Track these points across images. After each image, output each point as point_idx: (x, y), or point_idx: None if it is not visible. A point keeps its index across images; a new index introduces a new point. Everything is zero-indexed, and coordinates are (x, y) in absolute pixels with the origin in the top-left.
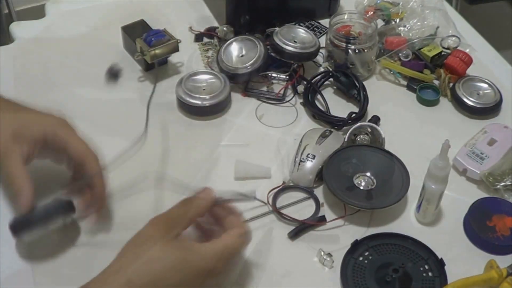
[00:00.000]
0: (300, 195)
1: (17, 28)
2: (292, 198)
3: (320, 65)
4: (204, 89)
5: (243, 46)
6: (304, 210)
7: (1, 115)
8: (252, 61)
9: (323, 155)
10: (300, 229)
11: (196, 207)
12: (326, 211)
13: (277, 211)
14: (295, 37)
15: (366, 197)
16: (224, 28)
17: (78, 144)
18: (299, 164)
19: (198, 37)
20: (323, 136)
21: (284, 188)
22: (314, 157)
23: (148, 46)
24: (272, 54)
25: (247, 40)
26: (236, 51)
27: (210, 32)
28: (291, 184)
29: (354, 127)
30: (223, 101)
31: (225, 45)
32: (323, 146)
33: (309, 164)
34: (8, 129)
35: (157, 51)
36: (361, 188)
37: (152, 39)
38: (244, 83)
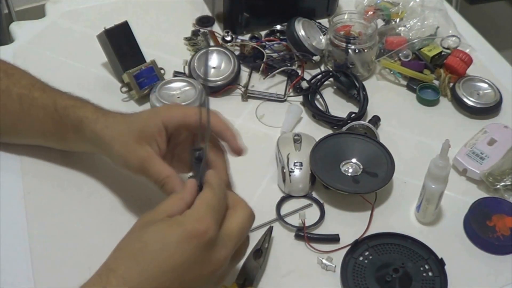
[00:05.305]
0: (302, 202)
1: (17, 28)
2: (294, 206)
3: (314, 60)
4: (178, 97)
5: (217, 57)
6: (309, 215)
7: (110, 124)
8: (225, 75)
9: (308, 159)
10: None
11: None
12: (326, 210)
13: (283, 220)
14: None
15: (353, 182)
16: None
17: (194, 112)
18: (290, 175)
19: (195, 34)
20: (296, 141)
21: (284, 199)
22: (301, 164)
23: (138, 87)
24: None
25: (222, 52)
26: (210, 61)
27: (212, 30)
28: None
29: (346, 126)
30: None
31: (200, 53)
32: (303, 150)
33: (299, 172)
34: (128, 137)
35: (146, 91)
36: (349, 174)
37: (146, 81)
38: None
